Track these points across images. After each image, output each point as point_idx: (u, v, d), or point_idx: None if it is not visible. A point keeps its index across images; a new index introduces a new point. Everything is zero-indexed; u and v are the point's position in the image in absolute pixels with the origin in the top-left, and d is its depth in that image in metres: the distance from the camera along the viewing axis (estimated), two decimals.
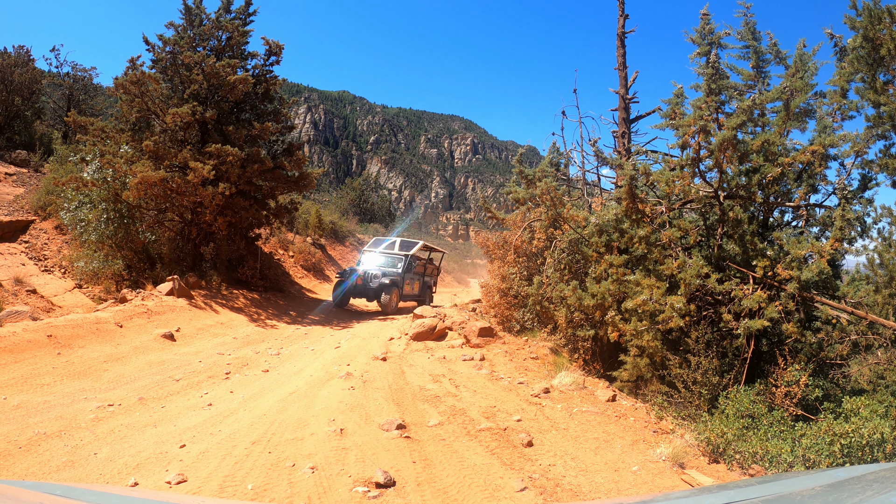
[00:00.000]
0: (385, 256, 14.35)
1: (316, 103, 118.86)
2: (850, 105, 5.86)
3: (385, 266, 13.98)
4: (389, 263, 14.12)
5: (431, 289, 16.39)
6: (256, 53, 11.96)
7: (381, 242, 15.34)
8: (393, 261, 14.19)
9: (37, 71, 19.66)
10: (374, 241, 15.67)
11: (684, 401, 5.23)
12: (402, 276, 13.76)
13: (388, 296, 12.92)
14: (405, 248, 14.80)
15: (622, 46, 8.95)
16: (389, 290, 13.04)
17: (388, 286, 13.05)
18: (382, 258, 14.30)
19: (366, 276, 13.01)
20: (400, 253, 14.45)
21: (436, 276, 17.09)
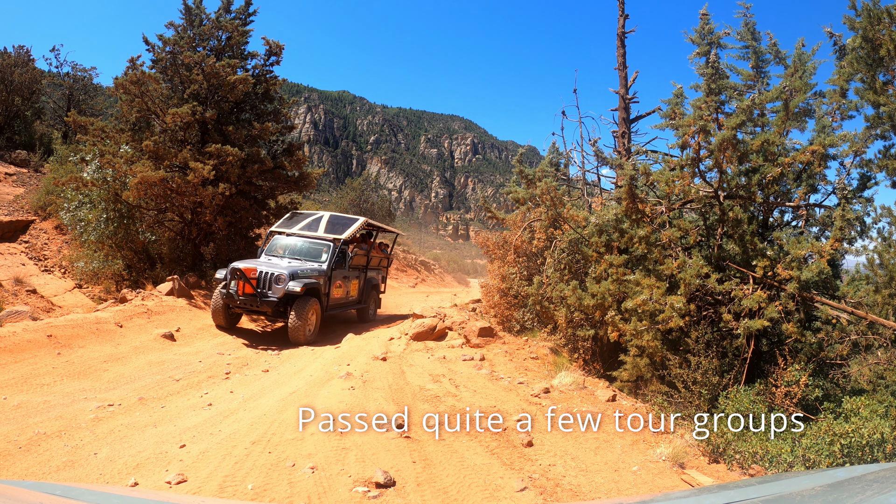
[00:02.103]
0: (303, 243, 9.57)
1: (316, 103, 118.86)
2: (849, 105, 5.86)
3: (301, 259, 9.22)
4: (308, 254, 9.37)
5: (379, 289, 11.54)
6: (256, 53, 11.96)
7: (299, 219, 10.28)
8: (314, 250, 9.42)
9: (37, 71, 19.67)
10: (289, 218, 10.49)
11: (684, 401, 5.23)
12: (327, 275, 9.02)
13: (299, 315, 8.05)
14: (336, 227, 9.90)
15: (622, 46, 8.95)
16: (304, 305, 8.16)
17: (300, 299, 8.20)
18: (299, 246, 9.53)
19: (261, 280, 8.16)
20: (326, 237, 9.52)
21: (385, 269, 12.33)
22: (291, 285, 8.14)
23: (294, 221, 10.32)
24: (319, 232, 9.75)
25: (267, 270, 8.30)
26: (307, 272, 8.69)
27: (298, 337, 8.13)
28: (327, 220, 10.14)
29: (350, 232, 9.78)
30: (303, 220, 10.30)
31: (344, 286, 9.77)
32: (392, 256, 13.60)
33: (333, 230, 9.80)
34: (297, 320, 8.08)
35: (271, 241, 9.81)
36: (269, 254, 9.53)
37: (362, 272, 10.58)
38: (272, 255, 9.47)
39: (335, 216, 10.40)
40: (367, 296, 10.82)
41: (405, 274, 24.59)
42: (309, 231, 9.83)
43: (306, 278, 8.53)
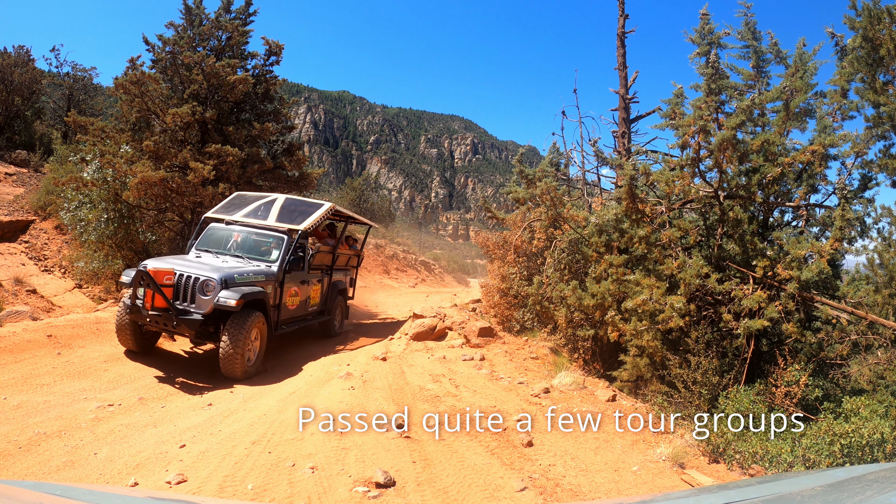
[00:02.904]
0: (247, 235, 7.31)
1: (316, 103, 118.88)
2: (850, 105, 5.86)
3: (243, 257, 6.96)
4: (253, 250, 7.15)
5: (346, 294, 9.47)
6: (256, 53, 11.96)
7: (245, 203, 7.99)
8: (262, 245, 7.21)
9: (37, 71, 19.66)
10: (231, 201, 8.15)
11: (684, 401, 5.23)
12: (279, 280, 6.85)
13: (234, 339, 5.80)
14: (292, 215, 7.60)
15: (622, 46, 8.95)
16: (242, 323, 5.91)
17: (237, 315, 5.94)
18: (242, 239, 7.27)
19: (180, 288, 5.91)
20: (279, 228, 7.29)
21: (355, 270, 10.17)
22: (224, 296, 5.76)
23: (238, 205, 7.84)
24: (270, 220, 7.32)
25: (189, 273, 5.89)
26: (249, 276, 6.28)
27: (234, 369, 5.80)
28: (281, 204, 7.72)
29: (311, 221, 7.33)
30: (250, 203, 7.81)
31: (301, 293, 7.46)
32: (363, 254, 11.24)
33: (289, 218, 7.39)
34: (231, 347, 5.74)
35: (206, 232, 7.36)
36: (201, 248, 7.12)
37: (326, 274, 8.41)
38: (205, 249, 7.09)
39: (292, 200, 8.07)
40: (333, 304, 8.65)
41: (405, 274, 24.59)
42: (256, 219, 7.39)
43: (247, 285, 6.16)
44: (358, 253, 10.55)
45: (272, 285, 6.74)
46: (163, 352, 6.91)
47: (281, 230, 7.30)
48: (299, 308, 7.59)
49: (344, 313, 9.48)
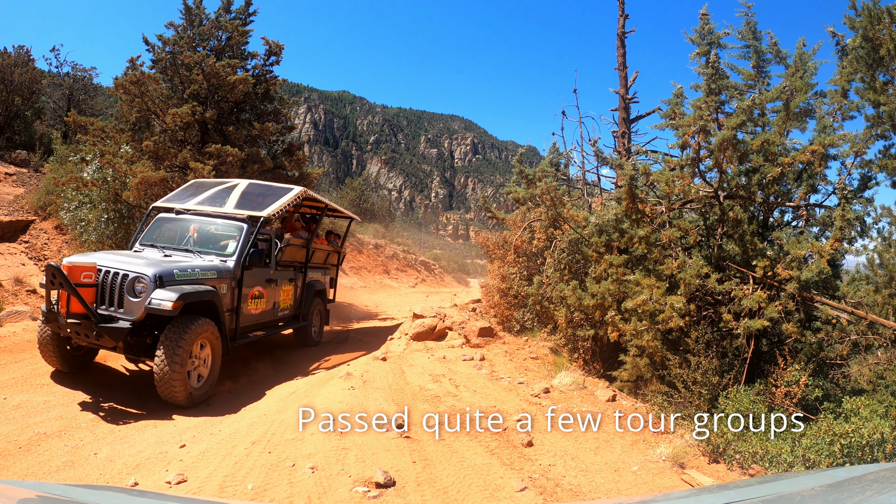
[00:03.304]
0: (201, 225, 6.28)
1: (316, 103, 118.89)
2: (850, 105, 5.86)
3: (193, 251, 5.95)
4: (206, 242, 6.13)
5: (326, 296, 8.43)
6: (256, 53, 11.96)
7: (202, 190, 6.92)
8: (216, 236, 6.20)
9: (37, 71, 19.66)
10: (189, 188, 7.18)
11: (684, 401, 5.22)
12: (235, 277, 5.79)
13: (171, 353, 4.68)
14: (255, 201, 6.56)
15: (622, 46, 8.95)
16: (182, 333, 4.79)
17: (176, 321, 4.88)
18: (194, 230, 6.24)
19: (103, 288, 4.88)
20: (236, 215, 6.23)
21: (335, 269, 9.12)
22: (158, 297, 4.65)
23: (193, 192, 6.80)
24: (227, 208, 6.23)
25: (114, 269, 4.83)
26: (194, 272, 5.19)
27: (173, 393, 4.69)
28: (243, 189, 6.63)
29: (276, 207, 6.23)
30: (207, 189, 6.76)
31: (268, 295, 6.38)
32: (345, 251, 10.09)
33: (251, 205, 6.30)
34: (168, 364, 4.58)
35: (153, 223, 6.34)
36: (145, 243, 6.08)
37: (300, 272, 7.36)
38: (151, 244, 6.04)
39: (257, 184, 7.04)
40: (309, 308, 7.52)
41: (405, 274, 24.60)
42: (212, 206, 6.32)
43: (190, 283, 5.06)
44: (338, 249, 9.24)
45: (227, 284, 5.58)
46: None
47: (239, 218, 6.13)
48: (265, 312, 6.44)
49: (324, 319, 8.33)
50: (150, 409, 4.88)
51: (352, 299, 15.70)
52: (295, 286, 7.32)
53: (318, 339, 8.12)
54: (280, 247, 6.80)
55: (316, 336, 8.06)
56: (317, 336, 8.09)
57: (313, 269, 8.04)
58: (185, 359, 4.76)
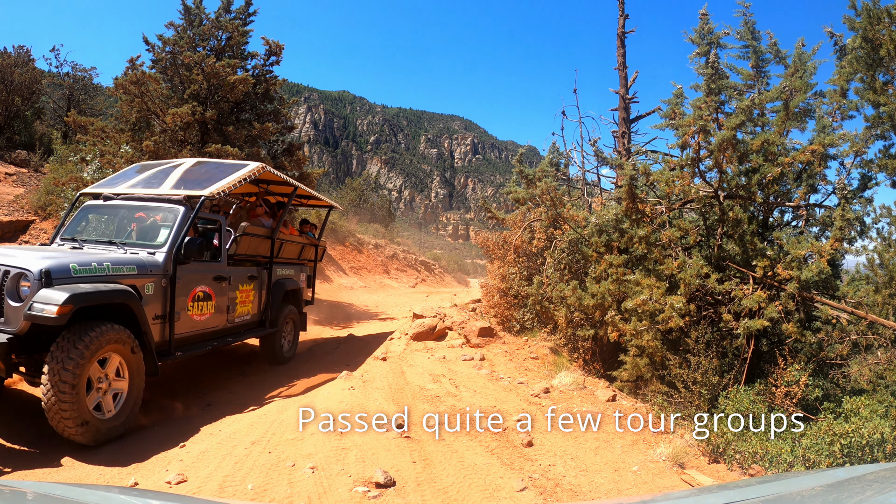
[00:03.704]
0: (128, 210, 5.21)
1: (316, 103, 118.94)
2: (849, 105, 5.86)
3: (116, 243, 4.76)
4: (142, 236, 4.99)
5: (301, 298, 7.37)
6: (256, 53, 11.97)
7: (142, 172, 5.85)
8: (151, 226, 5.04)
9: (37, 71, 19.66)
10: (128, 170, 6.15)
11: (684, 401, 5.23)
12: (165, 274, 4.57)
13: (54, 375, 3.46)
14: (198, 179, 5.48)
15: (622, 46, 8.96)
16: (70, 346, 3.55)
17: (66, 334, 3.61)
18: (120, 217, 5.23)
19: None
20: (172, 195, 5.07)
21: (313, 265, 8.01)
22: (41, 300, 3.56)
23: (131, 175, 5.77)
24: (163, 189, 5.12)
25: None
26: (102, 268, 4.03)
27: (65, 427, 3.60)
28: (188, 167, 5.57)
29: (223, 185, 5.06)
30: (148, 170, 5.74)
31: (218, 296, 5.22)
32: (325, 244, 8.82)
33: (192, 184, 5.17)
34: (53, 390, 3.52)
35: (77, 214, 5.30)
36: (66, 237, 5.03)
37: (264, 268, 6.20)
38: (71, 238, 4.99)
39: (207, 162, 6.07)
40: (277, 312, 6.42)
41: (405, 274, 24.60)
42: (146, 188, 5.23)
43: (94, 279, 3.94)
44: (315, 242, 7.93)
45: (154, 282, 4.37)
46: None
47: (174, 199, 4.93)
48: (214, 318, 5.22)
49: (298, 325, 7.14)
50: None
51: (352, 299, 15.71)
52: (258, 286, 6.12)
53: (290, 352, 6.86)
54: (235, 236, 5.75)
55: (288, 347, 6.81)
56: (289, 347, 6.85)
57: (283, 264, 6.83)
58: (79, 381, 3.55)
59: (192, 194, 5.01)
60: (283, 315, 6.64)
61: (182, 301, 4.77)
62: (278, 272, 6.67)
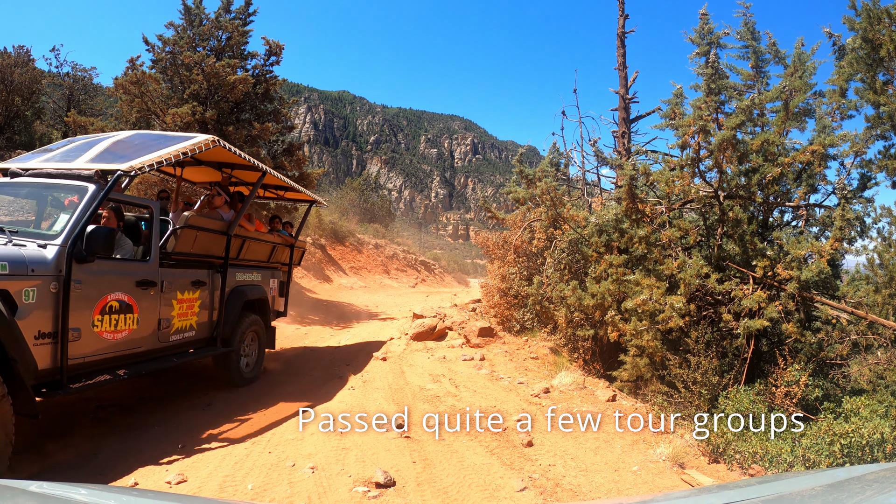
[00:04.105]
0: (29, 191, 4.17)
1: (316, 103, 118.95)
2: (849, 105, 5.86)
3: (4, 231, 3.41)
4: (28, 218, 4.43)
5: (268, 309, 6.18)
6: (256, 53, 11.97)
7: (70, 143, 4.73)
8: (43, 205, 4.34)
9: (37, 71, 19.65)
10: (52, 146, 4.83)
11: (684, 401, 5.23)
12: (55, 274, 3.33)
13: None
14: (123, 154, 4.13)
15: (622, 46, 8.96)
16: None
17: None
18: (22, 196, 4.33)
19: None
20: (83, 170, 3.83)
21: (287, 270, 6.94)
22: None
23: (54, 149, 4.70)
24: (77, 163, 4.04)
25: None
26: None
27: None
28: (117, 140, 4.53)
29: (150, 159, 4.01)
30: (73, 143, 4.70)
31: (143, 308, 4.10)
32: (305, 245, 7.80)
33: (116, 157, 4.10)
34: None
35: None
36: None
37: (218, 272, 5.12)
38: None
39: (145, 134, 5.07)
40: (234, 327, 5.32)
41: (405, 274, 24.61)
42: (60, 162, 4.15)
43: None
44: (290, 241, 6.79)
45: (38, 286, 3.28)
46: None
47: (84, 175, 3.82)
48: (136, 336, 4.02)
49: (264, 342, 5.94)
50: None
51: (352, 299, 15.72)
52: (208, 294, 4.96)
53: (252, 372, 5.66)
54: (174, 229, 4.56)
55: (249, 369, 5.62)
56: (250, 369, 5.65)
57: (245, 268, 5.72)
58: None
59: (107, 168, 3.83)
60: (243, 329, 5.46)
61: (85, 314, 3.57)
62: (238, 277, 5.49)
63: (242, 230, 5.57)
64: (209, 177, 6.62)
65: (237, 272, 5.53)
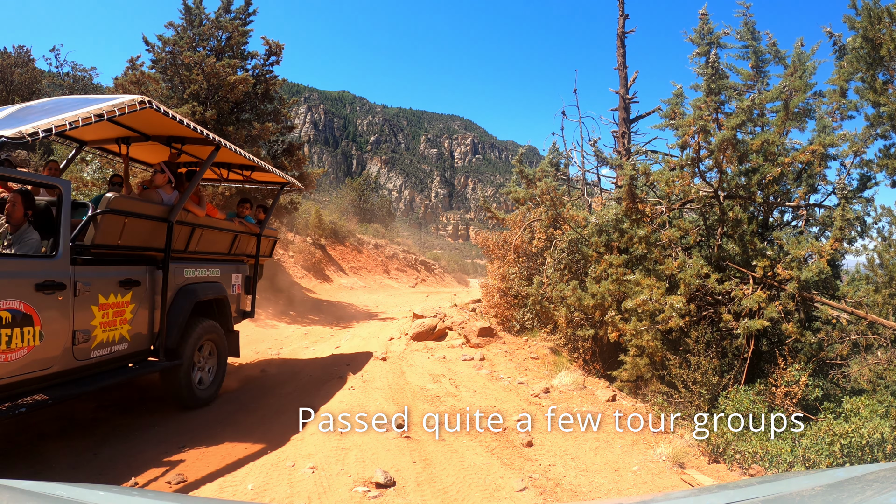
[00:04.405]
0: None
1: (316, 103, 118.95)
2: (849, 105, 5.86)
3: None
4: None
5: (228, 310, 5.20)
6: (256, 53, 11.98)
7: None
8: None
9: (37, 71, 19.65)
10: None
11: (684, 401, 5.23)
12: None
13: None
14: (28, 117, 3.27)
15: (622, 46, 8.96)
16: None
17: None
18: None
19: None
20: None
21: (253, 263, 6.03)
22: None
23: None
24: None
25: None
26: None
27: None
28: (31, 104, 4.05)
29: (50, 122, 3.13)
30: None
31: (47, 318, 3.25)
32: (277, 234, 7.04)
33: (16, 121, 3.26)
34: None
35: None
36: None
37: (159, 268, 4.28)
38: None
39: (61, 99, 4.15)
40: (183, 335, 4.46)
41: (405, 274, 24.61)
42: None
43: None
44: (254, 231, 5.81)
45: None
46: None
47: None
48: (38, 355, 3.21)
49: (225, 351, 5.03)
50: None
51: (352, 299, 15.73)
52: (146, 295, 4.11)
53: (209, 389, 4.77)
54: (92, 215, 3.71)
55: (205, 386, 4.75)
56: (207, 385, 4.77)
57: (198, 261, 4.84)
58: None
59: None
60: (194, 338, 4.51)
61: None
62: (187, 273, 4.61)
63: (190, 216, 4.62)
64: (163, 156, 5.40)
65: (186, 268, 4.61)
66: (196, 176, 4.61)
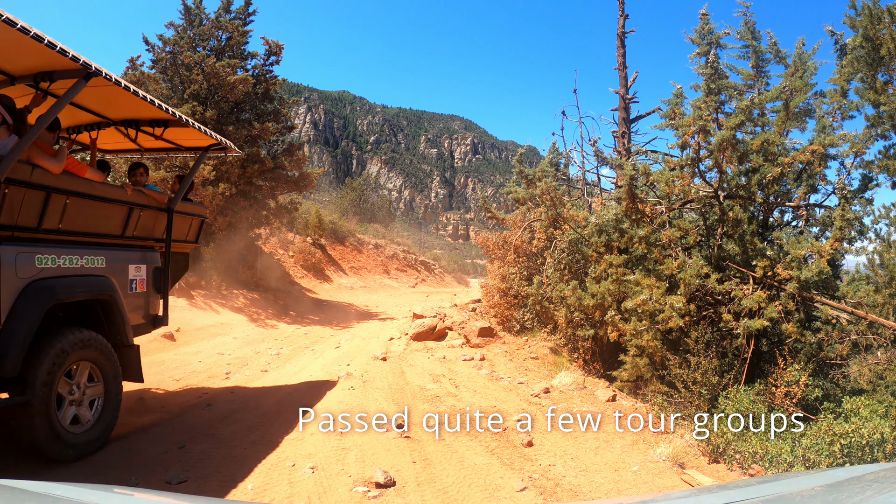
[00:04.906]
0: None
1: (316, 103, 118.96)
2: (849, 105, 5.85)
3: None
4: None
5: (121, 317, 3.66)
6: (256, 53, 11.99)
7: None
8: None
9: None
10: None
11: (684, 401, 5.23)
12: None
13: None
14: None
15: (622, 46, 8.96)
16: None
17: None
18: None
19: None
20: None
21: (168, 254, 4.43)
22: None
23: None
24: None
25: None
26: None
27: None
28: None
29: None
30: None
31: None
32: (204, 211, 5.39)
33: None
34: None
35: None
36: None
37: None
38: None
39: None
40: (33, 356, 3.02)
41: (405, 274, 24.61)
42: None
43: None
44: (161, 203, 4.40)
45: None
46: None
47: None
48: None
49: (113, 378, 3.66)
50: None
51: (352, 299, 15.73)
52: None
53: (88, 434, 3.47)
54: None
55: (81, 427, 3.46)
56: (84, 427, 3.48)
57: (62, 245, 3.42)
58: None
59: None
60: (51, 359, 3.14)
61: None
62: (41, 262, 3.20)
63: (39, 174, 3.13)
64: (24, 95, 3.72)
65: (39, 253, 3.18)
66: (47, 114, 3.11)
